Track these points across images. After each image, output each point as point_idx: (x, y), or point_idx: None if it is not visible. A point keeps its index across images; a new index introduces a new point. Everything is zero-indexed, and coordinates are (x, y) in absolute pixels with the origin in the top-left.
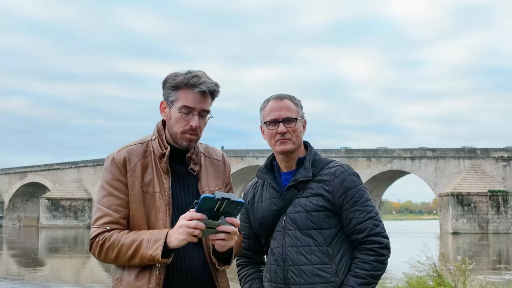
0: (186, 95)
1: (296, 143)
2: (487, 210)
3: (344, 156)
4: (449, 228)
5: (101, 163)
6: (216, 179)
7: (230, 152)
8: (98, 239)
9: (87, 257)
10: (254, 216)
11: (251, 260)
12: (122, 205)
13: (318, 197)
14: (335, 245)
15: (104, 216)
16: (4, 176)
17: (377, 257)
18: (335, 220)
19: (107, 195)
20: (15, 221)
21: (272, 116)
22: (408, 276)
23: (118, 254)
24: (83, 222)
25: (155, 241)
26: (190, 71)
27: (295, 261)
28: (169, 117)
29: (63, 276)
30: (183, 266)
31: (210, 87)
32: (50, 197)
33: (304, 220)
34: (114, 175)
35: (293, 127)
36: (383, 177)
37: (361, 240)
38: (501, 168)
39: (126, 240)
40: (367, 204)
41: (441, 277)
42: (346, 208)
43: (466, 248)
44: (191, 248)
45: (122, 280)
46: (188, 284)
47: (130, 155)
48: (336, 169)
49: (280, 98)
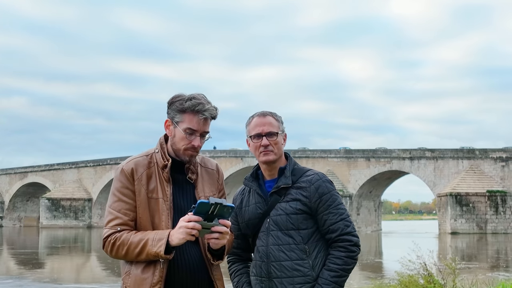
0: (191, 119)
1: (277, 154)
2: (485, 210)
3: (344, 156)
4: (447, 228)
5: (101, 163)
6: (211, 186)
7: (229, 152)
8: (110, 239)
9: (87, 257)
10: (242, 218)
11: (239, 257)
12: (130, 209)
13: (297, 202)
14: (311, 244)
15: (115, 219)
16: (5, 176)
17: (348, 253)
18: (311, 222)
19: (117, 201)
20: (15, 221)
21: (256, 130)
22: (400, 274)
23: (127, 251)
24: (83, 222)
25: (159, 240)
26: (194, 96)
27: (276, 257)
28: (173, 134)
29: (64, 275)
30: (182, 262)
31: (212, 113)
32: (50, 197)
33: (285, 222)
34: (123, 183)
35: (275, 140)
36: (382, 178)
37: (334, 238)
38: (499, 168)
39: (134, 239)
40: (339, 207)
41: (431, 276)
42: (321, 211)
43: (464, 247)
44: (189, 246)
45: (130, 273)
46: (187, 277)
47: (137, 166)
48: (312, 177)
49: (263, 115)
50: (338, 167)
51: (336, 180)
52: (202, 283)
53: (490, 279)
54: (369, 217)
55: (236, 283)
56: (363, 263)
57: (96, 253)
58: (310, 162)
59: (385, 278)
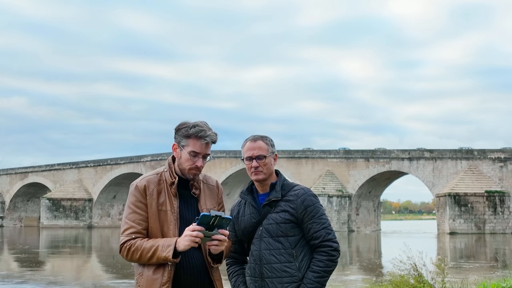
0: (195, 143)
1: (266, 174)
2: (484, 210)
3: (343, 156)
4: (446, 228)
5: (101, 163)
6: (212, 200)
7: (229, 153)
8: (126, 245)
9: (87, 257)
10: (238, 226)
11: (237, 260)
12: (143, 220)
13: (285, 213)
14: (298, 248)
15: (130, 228)
16: (5, 176)
17: (329, 257)
18: (298, 230)
19: (132, 212)
20: (16, 221)
21: (248, 154)
22: (391, 274)
23: (141, 256)
24: (83, 222)
25: (167, 246)
26: (197, 124)
27: (268, 260)
28: (180, 156)
29: (64, 275)
30: (187, 264)
31: (212, 138)
32: (51, 197)
33: (275, 230)
34: (137, 198)
35: (264, 162)
36: (381, 178)
37: (317, 244)
38: (498, 169)
39: (146, 245)
40: (322, 217)
41: (421, 276)
42: (306, 221)
43: (462, 248)
44: (193, 251)
45: (143, 274)
46: (191, 277)
47: (149, 183)
48: (298, 192)
49: (254, 140)
50: (337, 168)
51: (336, 181)
52: (203, 283)
53: (482, 279)
54: (368, 217)
55: (234, 282)
56: (361, 263)
57: (97, 253)
58: (310, 162)
59: (379, 278)
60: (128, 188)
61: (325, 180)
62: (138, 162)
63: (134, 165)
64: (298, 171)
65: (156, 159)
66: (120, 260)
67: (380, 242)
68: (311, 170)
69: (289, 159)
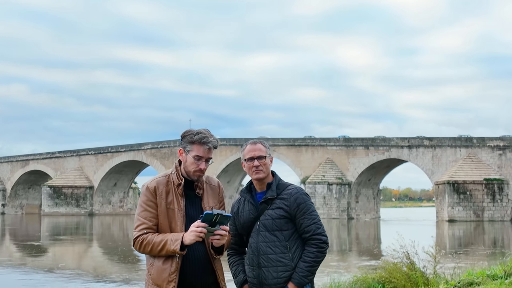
0: (199, 148)
1: (266, 173)
2: (482, 198)
3: (343, 144)
4: (445, 215)
5: (102, 151)
6: (214, 199)
7: (230, 141)
8: (139, 239)
9: (89, 244)
10: (238, 221)
11: (237, 251)
12: (153, 217)
13: (280, 209)
14: (291, 241)
15: (142, 224)
16: (6, 164)
17: (318, 249)
18: (291, 225)
19: (143, 210)
20: (17, 208)
21: (249, 155)
22: (385, 262)
23: (152, 248)
24: (84, 210)
25: (175, 240)
26: (201, 131)
27: (264, 251)
28: (185, 160)
29: (66, 262)
30: (192, 256)
31: (214, 144)
32: (52, 185)
33: (271, 225)
34: (148, 198)
35: (264, 162)
36: (381, 166)
37: (308, 237)
38: (496, 156)
39: (157, 239)
40: (312, 214)
41: (413, 264)
42: (298, 216)
43: (461, 235)
44: (197, 244)
45: (153, 264)
46: (196, 267)
47: (158, 184)
48: (292, 191)
49: (254, 143)
50: (337, 155)
51: (335, 168)
52: (207, 272)
53: (477, 266)
54: (368, 204)
55: (234, 270)
56: (359, 250)
57: (98, 240)
58: (310, 150)
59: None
60: (129, 175)
61: (325, 168)
62: (138, 150)
63: (134, 153)
64: (298, 159)
65: (157, 147)
66: (120, 247)
67: (379, 230)
68: (311, 158)
69: (289, 147)
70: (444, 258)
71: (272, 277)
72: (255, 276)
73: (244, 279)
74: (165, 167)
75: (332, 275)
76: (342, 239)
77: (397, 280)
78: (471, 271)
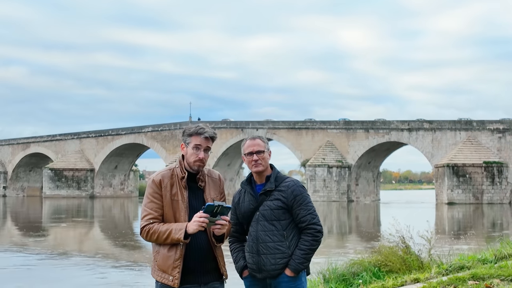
0: (197, 138)
1: (264, 166)
2: (482, 181)
3: (343, 127)
4: (444, 198)
5: (102, 134)
6: (215, 191)
7: (230, 123)
8: (145, 228)
9: (90, 227)
10: (239, 211)
11: (237, 239)
12: (159, 208)
13: (278, 201)
14: (288, 230)
15: (148, 214)
16: (7, 147)
17: (313, 237)
18: (288, 215)
19: (150, 202)
20: (18, 191)
21: (249, 150)
22: (381, 246)
23: (158, 237)
24: (85, 192)
25: (179, 229)
26: (198, 125)
27: (263, 239)
28: (186, 152)
29: (67, 245)
30: (195, 244)
31: (210, 134)
32: (53, 168)
33: (270, 215)
34: (154, 190)
35: (262, 156)
36: (381, 149)
37: (304, 227)
38: (496, 139)
39: (162, 229)
40: (308, 205)
41: (409, 248)
42: (295, 207)
43: (460, 218)
44: (200, 233)
45: (159, 252)
46: (198, 254)
47: (163, 177)
48: (289, 183)
49: (253, 139)
50: (337, 138)
51: (335, 151)
52: (209, 259)
53: (472, 250)
54: (368, 187)
55: (235, 257)
56: (359, 233)
57: (99, 223)
58: (310, 133)
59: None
60: (129, 158)
61: (325, 151)
62: (139, 133)
63: (135, 136)
64: (298, 142)
65: (157, 129)
66: (121, 229)
67: (379, 212)
68: (311, 141)
69: (289, 130)
70: (441, 241)
71: (270, 264)
72: (254, 262)
73: (244, 265)
74: (166, 150)
75: (330, 259)
76: (342, 221)
77: (392, 263)
78: (462, 255)
